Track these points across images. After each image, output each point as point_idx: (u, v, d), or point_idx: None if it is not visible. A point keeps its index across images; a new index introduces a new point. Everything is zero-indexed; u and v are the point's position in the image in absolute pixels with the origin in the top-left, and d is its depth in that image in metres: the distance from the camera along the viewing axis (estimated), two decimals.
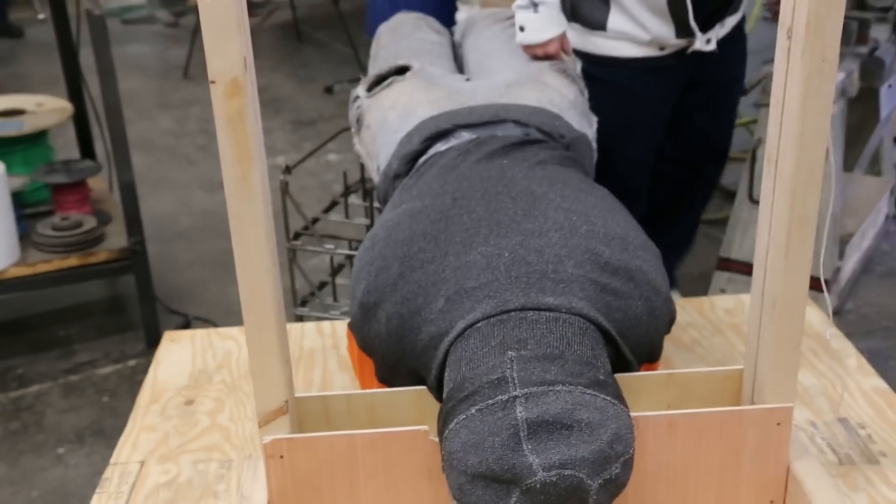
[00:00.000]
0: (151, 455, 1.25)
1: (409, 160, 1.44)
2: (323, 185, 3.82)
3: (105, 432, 2.41)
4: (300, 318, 2.18)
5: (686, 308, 1.54)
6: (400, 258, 1.16)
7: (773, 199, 1.00)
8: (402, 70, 1.67)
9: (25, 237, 2.73)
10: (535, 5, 1.90)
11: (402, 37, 2.01)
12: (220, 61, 0.89)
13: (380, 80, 1.67)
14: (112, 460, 1.25)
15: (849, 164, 2.82)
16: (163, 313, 2.84)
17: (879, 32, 2.69)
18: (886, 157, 3.15)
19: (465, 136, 1.42)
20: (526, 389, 0.94)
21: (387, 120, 1.56)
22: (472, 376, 0.99)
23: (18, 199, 2.76)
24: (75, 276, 2.74)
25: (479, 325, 1.04)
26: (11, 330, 2.98)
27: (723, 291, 2.71)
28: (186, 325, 2.80)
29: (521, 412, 0.92)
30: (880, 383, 1.33)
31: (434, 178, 1.32)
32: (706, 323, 1.51)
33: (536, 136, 1.42)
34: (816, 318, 1.50)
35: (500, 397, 0.94)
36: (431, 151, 1.42)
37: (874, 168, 3.15)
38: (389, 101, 1.59)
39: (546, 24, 1.89)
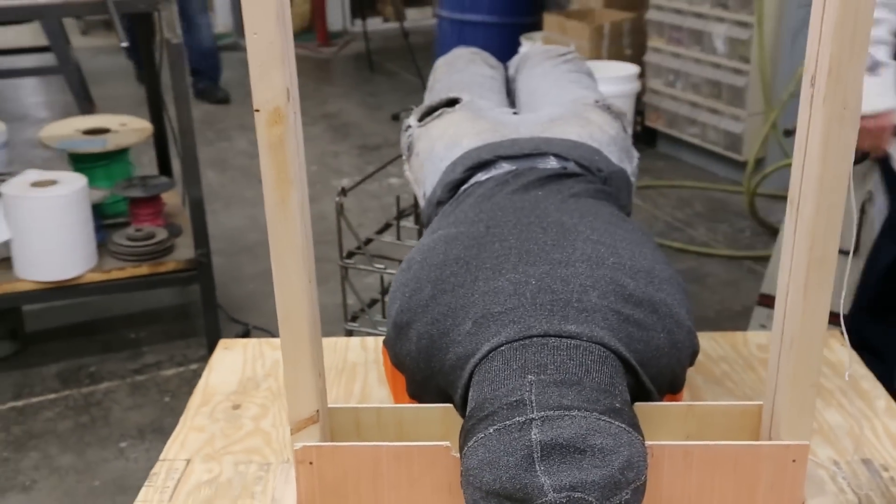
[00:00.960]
0: (197, 454, 1.27)
1: (452, 188, 1.45)
2: (384, 208, 3.84)
3: (164, 430, 2.45)
4: (350, 333, 2.20)
5: (720, 342, 1.53)
6: (433, 281, 1.17)
7: (793, 240, 0.99)
8: (452, 102, 1.68)
9: (103, 246, 2.79)
10: (875, 67, 1.66)
11: (456, 70, 2.03)
12: (264, 91, 0.91)
13: (431, 110, 1.68)
14: (161, 457, 1.27)
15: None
16: (225, 322, 2.90)
17: None
18: None
19: (506, 167, 1.42)
20: (543, 413, 0.94)
21: (434, 149, 1.57)
22: (493, 397, 0.99)
23: (99, 211, 2.83)
24: (146, 284, 2.79)
25: (502, 348, 1.04)
26: (87, 331, 3.06)
27: (763, 327, 2.66)
28: (246, 334, 2.85)
29: (536, 434, 0.92)
30: None
31: (471, 206, 1.33)
32: (738, 358, 1.49)
33: (574, 169, 1.42)
34: (849, 358, 1.46)
35: (517, 419, 0.94)
36: (472, 180, 1.43)
37: None
38: (438, 132, 1.60)
39: (886, 90, 1.67)
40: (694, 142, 4.25)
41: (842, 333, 1.08)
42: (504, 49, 2.21)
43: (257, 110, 0.92)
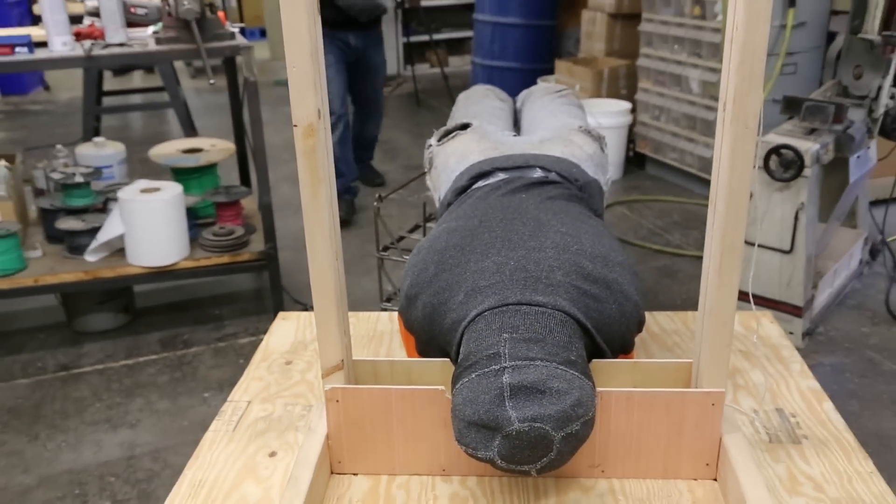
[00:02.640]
0: (256, 397, 1.31)
1: (458, 193, 1.46)
2: (420, 215, 3.86)
3: None
4: (384, 310, 2.23)
5: (674, 319, 1.53)
6: (436, 262, 1.19)
7: (712, 233, 1.00)
8: (464, 126, 1.69)
9: (194, 240, 2.85)
10: None
11: (472, 103, 2.04)
12: (300, 111, 0.95)
13: (447, 133, 1.70)
14: (228, 399, 1.31)
15: (823, 216, 2.73)
16: (289, 302, 2.95)
17: (856, 115, 2.62)
18: (862, 215, 3.04)
19: (501, 176, 1.44)
20: (513, 362, 0.97)
21: (448, 163, 1.59)
22: (476, 350, 1.02)
23: (192, 213, 2.90)
24: (226, 270, 2.84)
25: (485, 313, 1.07)
26: (182, 307, 3.13)
27: None
28: (307, 310, 2.88)
29: (507, 378, 0.95)
30: (815, 385, 1.30)
31: (470, 205, 1.35)
32: (687, 331, 1.49)
33: (555, 178, 1.43)
34: (774, 331, 1.47)
35: (493, 367, 0.97)
36: (474, 186, 1.45)
37: (851, 222, 3.04)
38: (452, 149, 1.62)
39: None
40: (675, 164, 4.24)
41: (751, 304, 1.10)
42: (524, 88, 2.24)
43: (295, 125, 0.95)
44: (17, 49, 2.40)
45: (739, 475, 0.99)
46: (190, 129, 4.64)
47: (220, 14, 2.67)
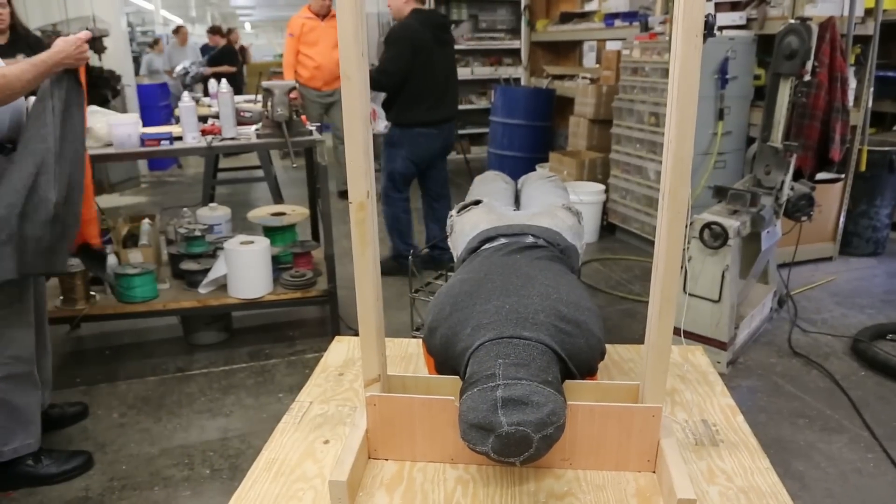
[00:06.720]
0: (316, 399, 1.31)
1: (471, 252, 1.46)
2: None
3: None
4: (415, 337, 2.23)
5: (630, 350, 1.51)
6: (451, 304, 1.19)
7: (655, 286, 1.01)
8: (477, 202, 1.70)
9: (276, 280, 2.87)
10: None
11: (484, 184, 2.03)
12: (354, 192, 0.97)
13: (464, 206, 1.70)
14: (296, 399, 1.31)
15: (743, 274, 2.72)
16: (343, 328, 2.94)
17: (766, 201, 2.62)
18: (771, 274, 3.01)
19: (502, 240, 1.43)
20: (505, 381, 0.97)
21: (464, 230, 1.58)
22: (478, 371, 1.01)
23: (276, 260, 2.93)
24: (299, 303, 2.84)
25: (486, 343, 1.06)
26: (266, 329, 3.13)
27: None
28: (356, 335, 2.86)
29: (499, 393, 0.95)
30: (731, 402, 1.28)
31: (478, 262, 1.35)
32: (640, 360, 1.47)
33: (542, 243, 1.42)
34: (704, 361, 1.45)
35: (490, 384, 0.97)
36: (482, 248, 1.45)
37: (764, 279, 3.01)
38: (467, 219, 1.61)
39: None
40: (637, 232, 4.22)
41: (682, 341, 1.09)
42: (525, 173, 2.26)
43: (351, 202, 0.98)
44: (163, 142, 2.53)
45: (671, 469, 0.98)
46: (277, 198, 4.73)
47: (303, 117, 2.75)
